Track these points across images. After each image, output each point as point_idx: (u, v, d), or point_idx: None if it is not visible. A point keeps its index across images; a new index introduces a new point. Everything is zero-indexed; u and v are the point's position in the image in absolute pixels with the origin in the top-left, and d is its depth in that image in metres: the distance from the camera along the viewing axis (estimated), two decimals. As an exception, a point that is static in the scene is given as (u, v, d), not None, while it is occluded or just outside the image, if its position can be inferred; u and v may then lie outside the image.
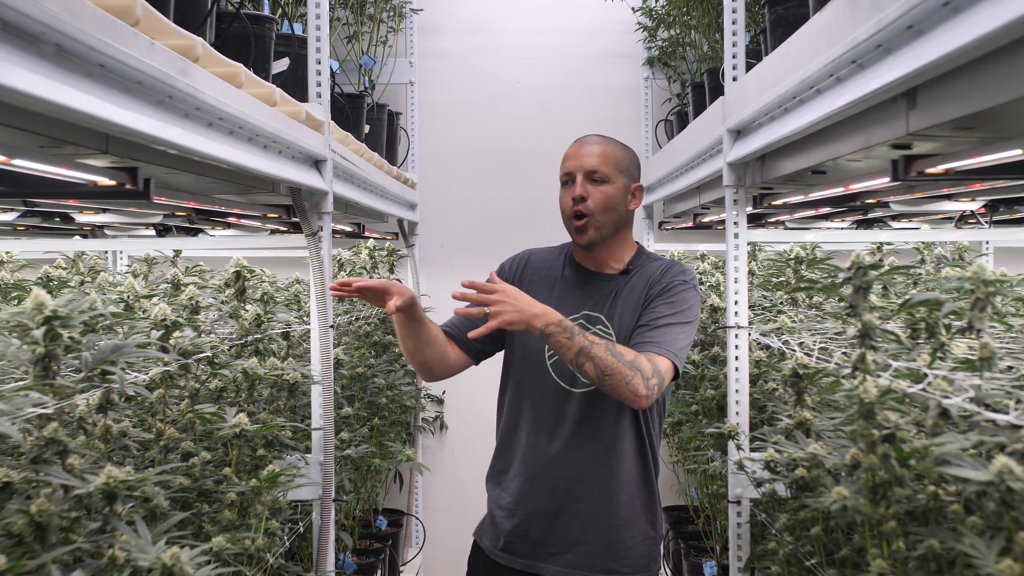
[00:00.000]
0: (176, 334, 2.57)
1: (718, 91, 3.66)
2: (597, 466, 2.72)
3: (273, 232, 4.92)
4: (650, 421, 2.79)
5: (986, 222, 4.62)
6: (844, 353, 2.69)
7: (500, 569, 2.80)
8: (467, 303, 2.52)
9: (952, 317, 2.49)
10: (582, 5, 6.05)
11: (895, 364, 2.43)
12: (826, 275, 3.44)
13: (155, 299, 2.71)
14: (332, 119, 3.44)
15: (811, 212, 4.29)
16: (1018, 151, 2.17)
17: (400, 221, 5.78)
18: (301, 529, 3.35)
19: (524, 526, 2.76)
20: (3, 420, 1.58)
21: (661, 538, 2.86)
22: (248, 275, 3.19)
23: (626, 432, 2.73)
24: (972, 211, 4.09)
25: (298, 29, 3.72)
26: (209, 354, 2.79)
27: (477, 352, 2.82)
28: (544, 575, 2.74)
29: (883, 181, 2.76)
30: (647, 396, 2.50)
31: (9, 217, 3.68)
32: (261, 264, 3.64)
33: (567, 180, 2.76)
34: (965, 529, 1.91)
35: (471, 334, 2.51)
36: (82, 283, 3.31)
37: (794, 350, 2.96)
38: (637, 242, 2.89)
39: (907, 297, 2.59)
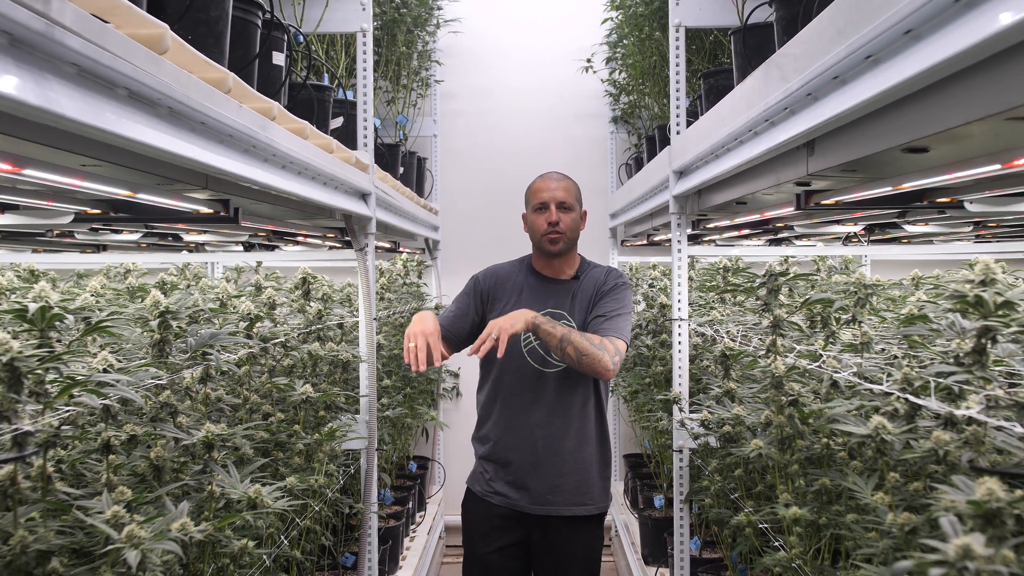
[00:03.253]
0: (258, 325, 2.59)
1: (666, 142, 3.68)
2: (568, 427, 2.75)
3: (331, 248, 4.81)
4: (603, 392, 2.85)
5: (865, 241, 4.61)
6: (760, 339, 2.71)
7: (491, 507, 2.79)
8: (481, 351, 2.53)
9: (840, 312, 2.53)
10: (563, 77, 6.06)
11: (798, 347, 2.47)
12: (746, 280, 3.46)
13: (242, 298, 2.71)
14: (375, 163, 3.47)
15: (735, 233, 4.25)
16: (888, 188, 2.21)
17: (426, 239, 5.78)
18: (352, 471, 3.37)
19: (511, 475, 2.77)
20: (129, 389, 1.56)
21: (611, 478, 2.90)
22: (312, 280, 3.21)
23: (589, 401, 2.78)
24: (855, 232, 4.07)
25: (350, 95, 3.71)
26: (283, 340, 2.80)
27: (458, 348, 2.86)
28: (524, 510, 2.75)
29: (789, 210, 2.77)
30: (613, 369, 2.60)
31: (135, 236, 3.60)
32: (322, 272, 3.59)
33: (541, 207, 2.80)
34: (849, 471, 1.94)
35: (481, 355, 2.53)
36: (188, 286, 3.25)
37: (722, 337, 3.00)
38: (580, 254, 2.93)
39: (807, 297, 2.62)
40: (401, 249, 5.66)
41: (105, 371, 1.57)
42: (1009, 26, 0.97)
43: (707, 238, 4.59)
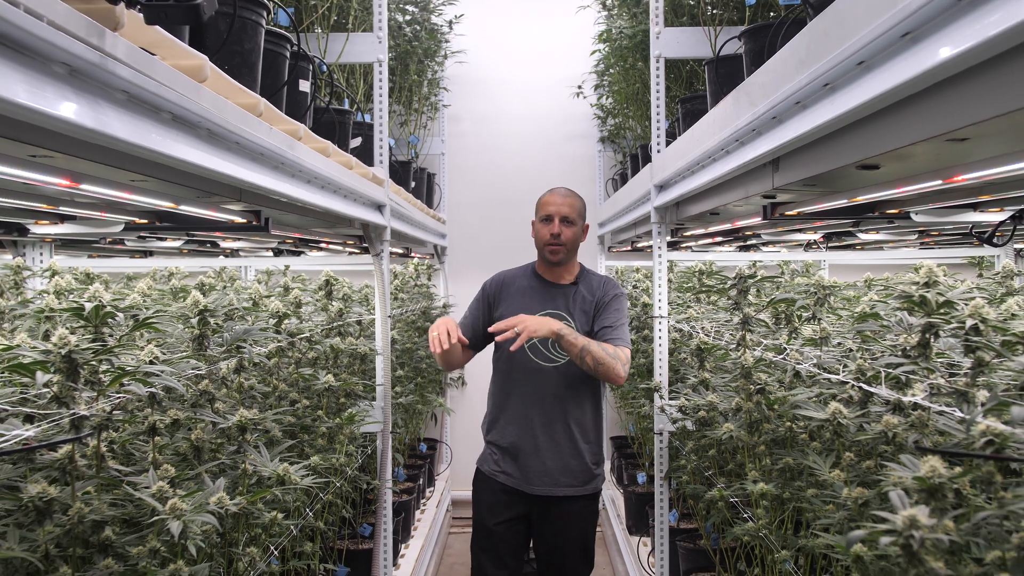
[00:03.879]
0: (286, 321, 2.60)
1: (647, 159, 3.66)
2: (566, 418, 2.75)
3: (350, 253, 4.78)
4: (601, 388, 2.86)
5: (824, 247, 4.59)
6: (731, 334, 2.71)
7: (497, 485, 2.80)
8: (502, 334, 2.52)
9: (802, 310, 2.53)
10: (557, 102, 6.06)
11: (765, 342, 2.48)
12: (719, 282, 3.34)
13: (272, 298, 2.71)
14: (389, 178, 3.46)
15: (709, 240, 4.26)
16: (844, 200, 2.20)
17: (435, 246, 5.76)
18: (369, 452, 3.37)
19: (515, 458, 2.76)
20: (172, 378, 1.58)
21: (603, 461, 2.88)
22: (334, 282, 3.20)
23: (585, 394, 2.77)
24: (815, 239, 4.06)
25: (367, 118, 3.71)
26: (308, 335, 2.79)
27: (476, 349, 2.88)
28: (527, 491, 2.76)
29: (757, 220, 2.77)
30: (624, 376, 2.63)
31: (177, 243, 3.61)
32: (342, 275, 3.54)
33: (547, 219, 2.79)
34: (810, 451, 1.98)
35: (498, 338, 2.54)
36: (224, 288, 3.24)
37: (698, 332, 3.01)
38: (579, 262, 2.92)
39: (772, 297, 2.62)
40: (413, 254, 5.67)
41: (151, 363, 1.58)
42: (948, 59, 0.98)
43: (684, 245, 4.60)
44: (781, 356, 2.25)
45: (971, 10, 0.94)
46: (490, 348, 2.90)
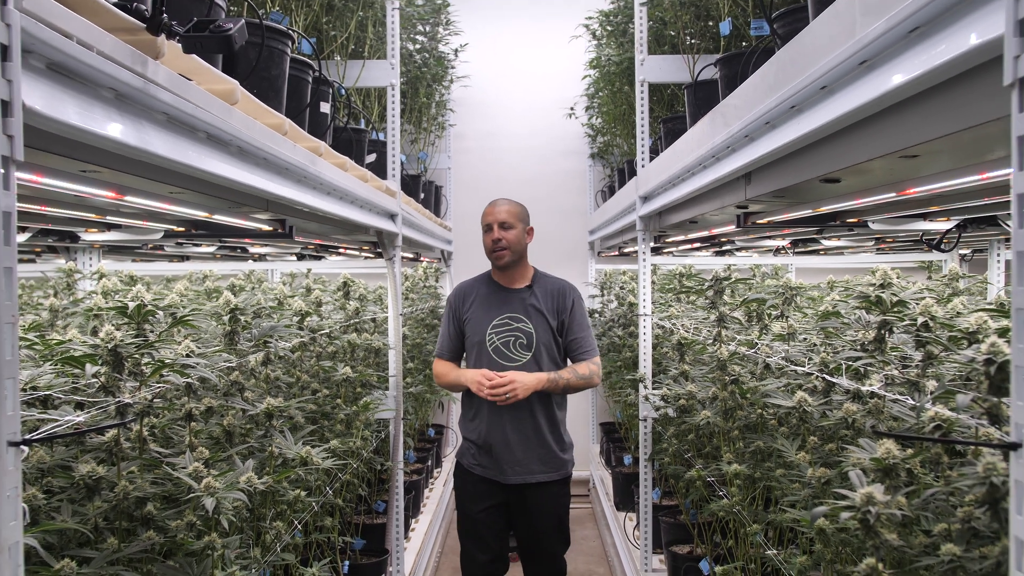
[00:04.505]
0: (308, 319, 2.59)
1: (633, 173, 3.65)
2: (531, 411, 2.69)
3: (366, 258, 4.77)
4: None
5: (791, 252, 4.56)
6: (708, 331, 2.71)
7: (475, 477, 2.74)
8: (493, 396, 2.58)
9: (771, 309, 2.55)
10: (552, 122, 6.05)
11: (738, 337, 2.48)
12: (697, 284, 3.47)
13: (295, 298, 2.71)
14: (401, 190, 3.43)
15: (689, 246, 4.25)
16: (809, 210, 2.20)
17: (442, 251, 5.74)
18: (383, 436, 3.35)
19: (489, 451, 2.71)
20: (206, 370, 1.59)
21: (571, 448, 2.81)
22: (351, 284, 3.22)
23: (546, 393, 2.70)
24: (783, 245, 4.02)
25: (381, 136, 3.70)
26: (328, 331, 2.79)
27: (460, 358, 2.84)
28: (502, 480, 2.71)
29: (731, 227, 2.76)
30: (599, 381, 2.74)
31: (211, 249, 3.61)
32: (358, 277, 3.52)
33: (487, 228, 2.74)
34: (778, 435, 1.98)
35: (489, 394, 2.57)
36: (252, 289, 3.22)
37: (678, 329, 2.99)
38: (533, 266, 2.85)
39: (745, 297, 2.64)
40: (422, 259, 5.65)
41: (188, 356, 1.58)
42: (900, 85, 0.98)
43: (666, 250, 4.57)
44: (753, 350, 2.25)
45: (920, 41, 0.94)
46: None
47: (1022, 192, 0.73)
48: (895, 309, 1.57)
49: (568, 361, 2.78)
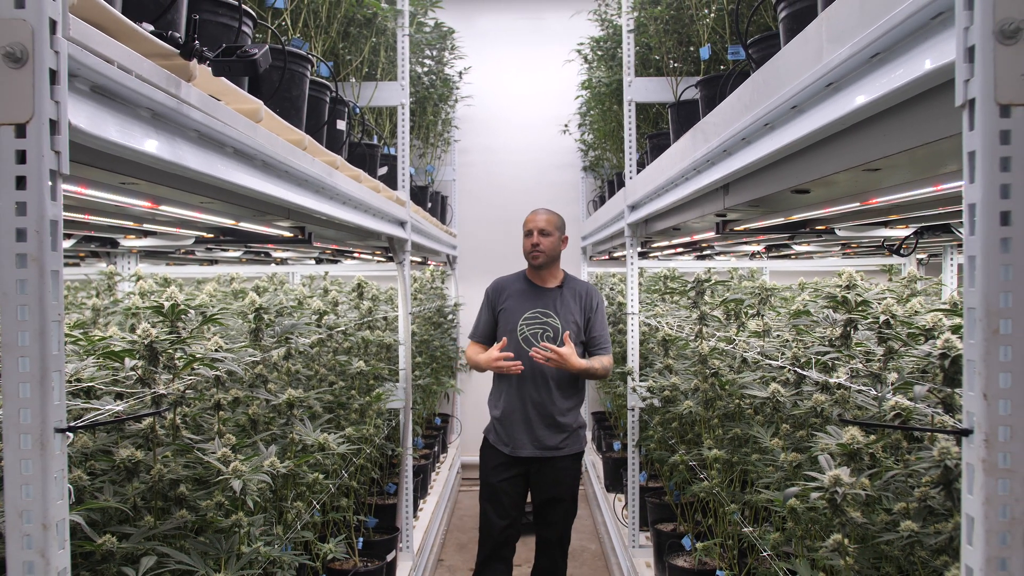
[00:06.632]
0: (325, 317, 2.60)
1: (621, 185, 3.66)
2: (551, 394, 2.73)
3: (378, 261, 4.70)
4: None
5: (766, 256, 4.57)
6: (690, 328, 2.71)
7: (500, 453, 2.78)
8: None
9: (748, 308, 2.52)
10: (548, 137, 6.05)
11: (718, 334, 2.48)
12: (680, 285, 3.47)
13: (314, 298, 2.73)
14: (410, 199, 3.41)
15: (673, 251, 4.16)
16: (781, 218, 2.20)
17: (448, 255, 5.71)
18: (393, 424, 3.34)
19: (512, 429, 2.75)
20: (233, 364, 1.60)
21: (585, 428, 2.87)
22: (364, 285, 3.22)
23: (567, 375, 2.74)
24: (758, 250, 3.99)
25: (392, 151, 3.69)
26: (343, 328, 2.79)
27: (492, 342, 2.83)
28: (525, 455, 2.74)
29: (711, 234, 2.68)
30: (610, 373, 2.81)
31: (237, 254, 3.65)
32: (371, 279, 3.50)
33: (528, 233, 2.82)
34: (754, 423, 1.98)
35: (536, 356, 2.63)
36: (275, 290, 3.25)
37: (663, 326, 2.99)
38: (563, 269, 2.91)
39: (724, 297, 2.61)
40: (429, 262, 5.64)
41: (216, 351, 1.59)
42: (863, 105, 0.98)
43: (652, 254, 4.56)
44: (731, 346, 2.25)
45: (881, 66, 0.95)
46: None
47: (973, 202, 0.73)
48: (859, 308, 1.57)
49: (588, 354, 2.83)
